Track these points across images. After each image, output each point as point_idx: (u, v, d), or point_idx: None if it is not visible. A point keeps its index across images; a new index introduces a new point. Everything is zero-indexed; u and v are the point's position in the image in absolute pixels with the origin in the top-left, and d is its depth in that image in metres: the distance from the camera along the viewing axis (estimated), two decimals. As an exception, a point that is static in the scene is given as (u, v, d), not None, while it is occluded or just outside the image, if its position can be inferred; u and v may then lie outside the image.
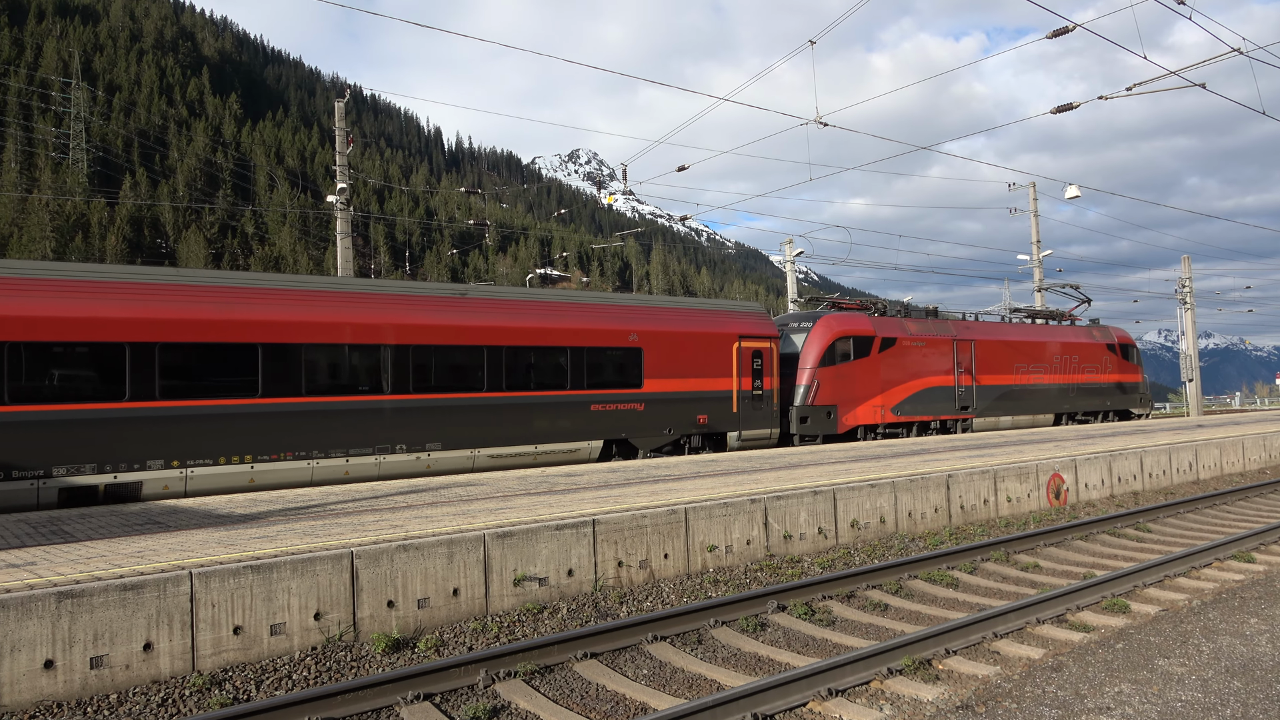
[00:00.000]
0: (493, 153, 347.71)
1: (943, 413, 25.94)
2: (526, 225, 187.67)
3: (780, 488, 11.32)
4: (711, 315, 21.24)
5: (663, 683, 6.63)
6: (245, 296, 14.99)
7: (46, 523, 10.39)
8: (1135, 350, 33.83)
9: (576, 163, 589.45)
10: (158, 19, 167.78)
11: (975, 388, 26.98)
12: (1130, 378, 33.25)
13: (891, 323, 25.34)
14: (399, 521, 9.14)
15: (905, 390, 24.89)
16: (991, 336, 28.20)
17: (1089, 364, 31.15)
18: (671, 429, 19.57)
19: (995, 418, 27.79)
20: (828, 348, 23.24)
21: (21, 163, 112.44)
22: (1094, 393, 31.47)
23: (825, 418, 22.84)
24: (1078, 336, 31.59)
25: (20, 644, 5.64)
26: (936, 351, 25.96)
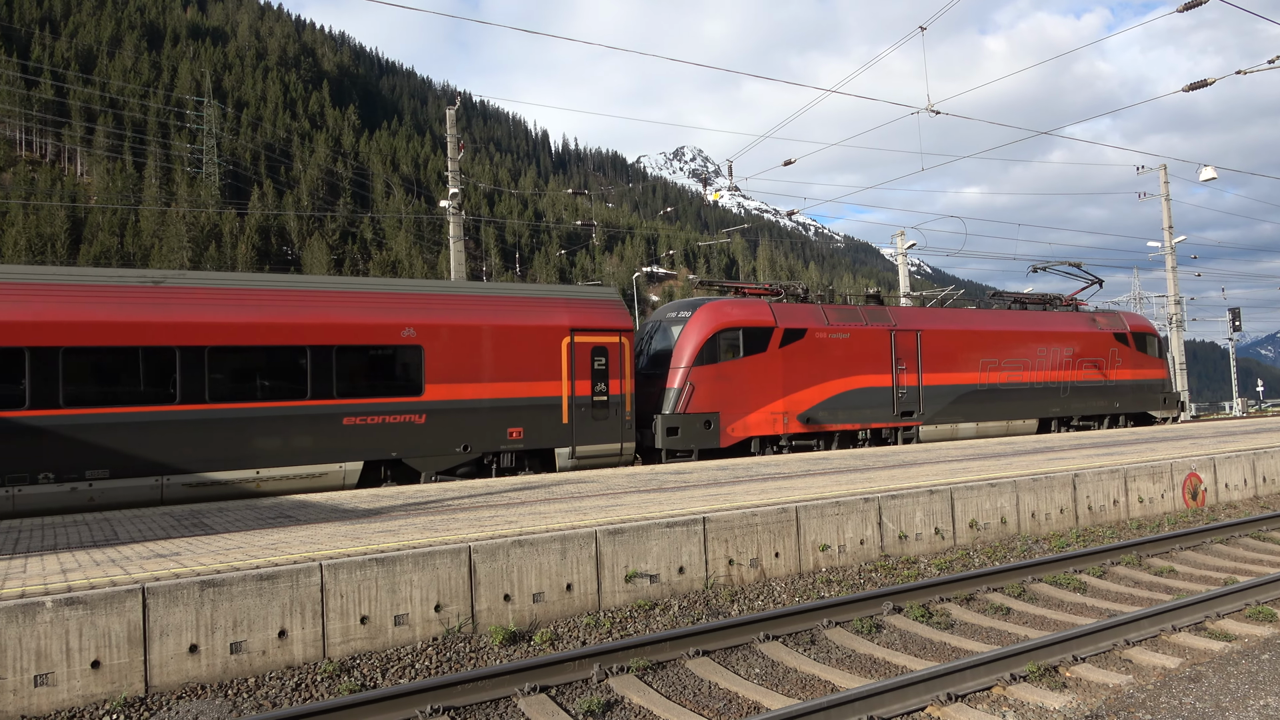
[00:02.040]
0: (598, 153, 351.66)
1: (875, 419, 21.27)
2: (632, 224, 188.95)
3: (894, 486, 11.07)
4: (529, 304, 17.16)
5: (775, 682, 6.58)
6: None
7: (188, 515, 11.07)
8: (1155, 341, 27.98)
9: (681, 160, 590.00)
10: (281, 37, 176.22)
11: (922, 388, 22.15)
12: (1148, 373, 27.41)
13: (801, 310, 20.95)
14: (513, 517, 9.35)
15: (820, 392, 20.39)
16: (945, 325, 23.20)
17: (1089, 358, 25.79)
18: (468, 445, 15.83)
19: (952, 424, 22.71)
20: (706, 342, 19.08)
21: (160, 178, 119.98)
22: (1097, 392, 25.90)
23: (702, 428, 18.62)
24: (1072, 325, 26.01)
25: (168, 629, 6.03)
26: (867, 345, 21.36)
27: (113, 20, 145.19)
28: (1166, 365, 28.13)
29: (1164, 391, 27.89)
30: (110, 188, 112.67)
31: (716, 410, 18.91)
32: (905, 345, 22.06)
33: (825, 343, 20.74)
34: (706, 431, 18.72)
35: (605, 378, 17.37)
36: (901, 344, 21.97)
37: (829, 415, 20.49)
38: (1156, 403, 27.55)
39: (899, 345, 21.90)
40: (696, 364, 18.85)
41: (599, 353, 17.36)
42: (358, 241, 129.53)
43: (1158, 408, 27.61)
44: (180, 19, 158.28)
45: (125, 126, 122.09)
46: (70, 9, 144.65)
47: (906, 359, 21.93)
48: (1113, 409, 26.33)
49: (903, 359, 21.85)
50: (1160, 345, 28.07)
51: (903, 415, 21.76)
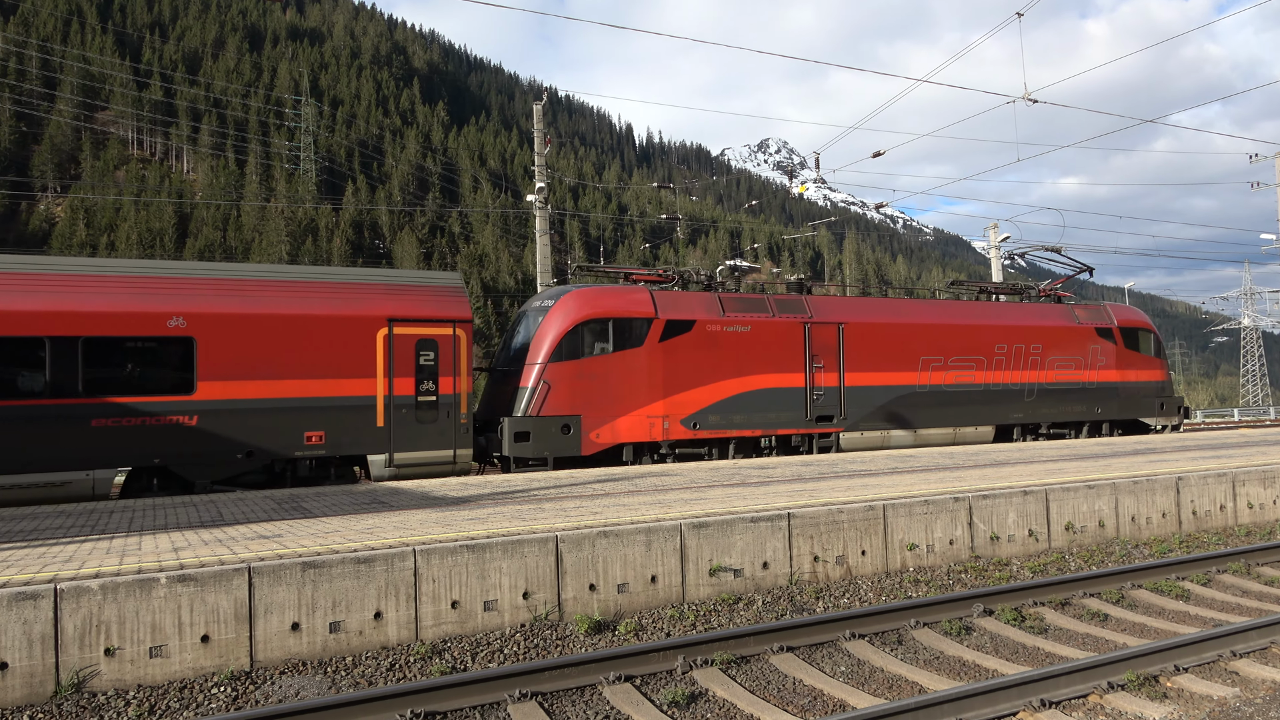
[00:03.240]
0: (682, 146, 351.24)
1: (783, 424, 18.64)
2: (716, 217, 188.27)
3: (986, 486, 10.81)
4: (336, 290, 15.12)
5: (861, 681, 6.52)
6: None
7: (288, 499, 11.53)
8: (1151, 338, 24.26)
9: (766, 152, 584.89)
10: (374, 36, 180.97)
11: (845, 390, 19.33)
12: (1140, 374, 23.72)
13: (690, 299, 18.40)
14: (598, 508, 9.46)
15: (711, 393, 17.88)
16: (875, 318, 20.32)
17: (1062, 356, 22.48)
18: (253, 451, 14.00)
19: (883, 431, 19.85)
20: (566, 335, 16.83)
21: (260, 174, 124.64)
22: (1072, 396, 22.50)
23: (559, 434, 16.38)
24: (1042, 318, 22.61)
25: (272, 607, 6.31)
26: (773, 339, 18.72)
27: (217, 23, 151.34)
28: (1165, 366, 24.47)
29: (1161, 396, 24.12)
30: (214, 184, 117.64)
31: (578, 413, 16.61)
32: (823, 340, 19.33)
33: (719, 336, 18.14)
34: (564, 437, 16.47)
35: (434, 375, 15.39)
36: (818, 338, 19.24)
37: (722, 420, 17.97)
38: (1151, 408, 23.84)
39: (815, 340, 19.16)
40: (554, 360, 16.66)
41: (426, 346, 15.38)
42: (446, 235, 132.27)
43: (1153, 414, 23.87)
44: (280, 21, 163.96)
45: (228, 125, 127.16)
46: (178, 13, 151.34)
47: (824, 356, 19.25)
48: (1093, 415, 22.85)
49: (820, 356, 19.17)
50: (1157, 343, 24.55)
51: (819, 420, 19.07)
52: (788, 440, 18.96)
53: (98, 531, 8.78)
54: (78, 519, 10.07)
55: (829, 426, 19.16)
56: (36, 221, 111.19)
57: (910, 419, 20.13)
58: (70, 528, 9.20)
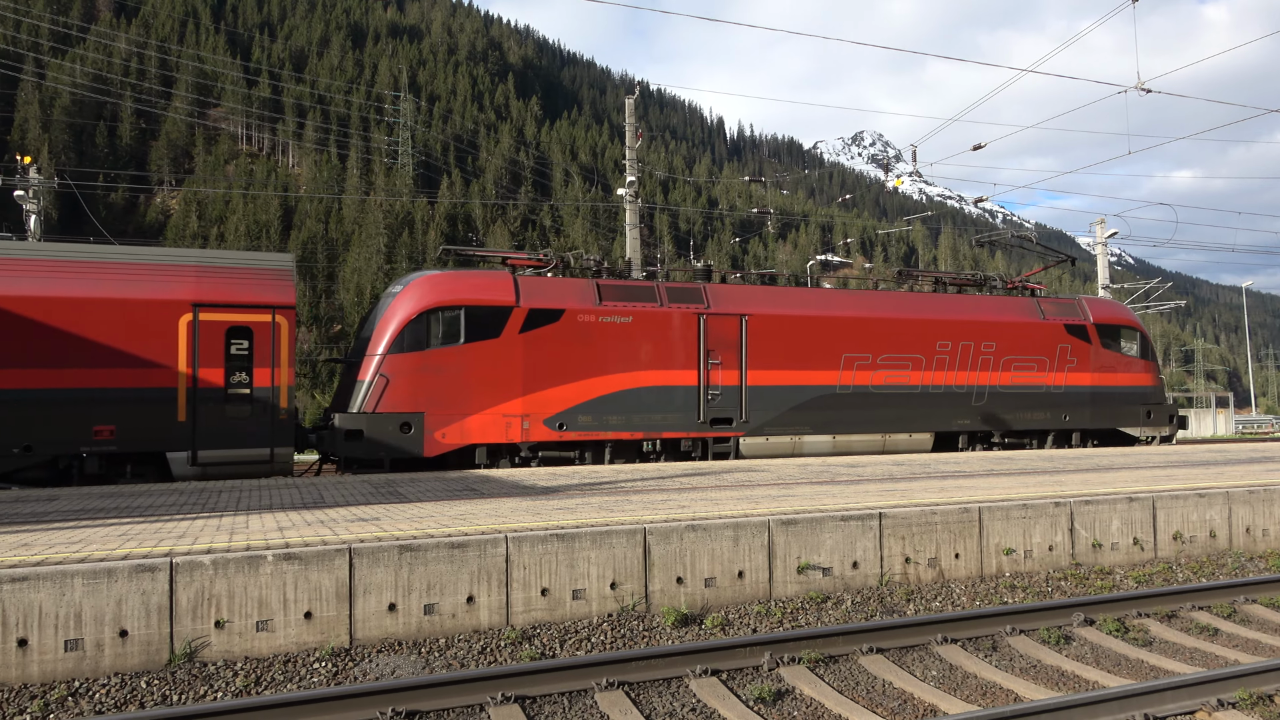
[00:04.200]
0: (774, 139, 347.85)
1: (671, 427, 16.76)
2: (807, 211, 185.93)
3: (1088, 491, 10.42)
4: (131, 272, 13.86)
5: (953, 686, 6.37)
6: None
7: (384, 485, 11.89)
8: (1137, 337, 21.40)
9: (860, 145, 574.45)
10: (471, 32, 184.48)
11: (746, 389, 17.36)
12: (1122, 378, 20.95)
13: (561, 287, 16.62)
14: (686, 502, 9.48)
15: (582, 390, 16.19)
16: (786, 310, 18.03)
17: (1023, 356, 19.96)
18: (31, 446, 12.96)
19: (794, 436, 17.75)
20: (409, 324, 15.37)
21: (361, 169, 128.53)
22: (1035, 401, 19.98)
23: (397, 433, 15.00)
24: (998, 312, 20.10)
25: (370, 588, 6.52)
26: (660, 332, 16.83)
27: (322, 22, 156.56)
28: (1155, 369, 21.65)
29: (1149, 403, 21.20)
30: (317, 178, 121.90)
31: (420, 410, 15.19)
32: (722, 333, 17.29)
33: (593, 328, 16.40)
34: (404, 437, 15.08)
35: (248, 365, 14.12)
36: (716, 331, 17.24)
37: (595, 421, 16.29)
38: (1135, 417, 20.97)
39: (712, 333, 17.18)
40: (394, 351, 15.28)
41: (238, 334, 14.12)
42: (537, 228, 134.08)
43: (1138, 424, 21.01)
44: (381, 19, 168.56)
45: (331, 121, 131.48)
46: (285, 13, 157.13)
47: (723, 351, 17.25)
48: (1059, 423, 20.17)
49: (717, 351, 17.19)
50: (1144, 342, 21.56)
51: (715, 423, 17.19)
52: (676, 445, 17.12)
53: (208, 510, 9.22)
54: (189, 497, 10.59)
55: (726, 430, 17.30)
56: (153, 214, 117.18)
57: (828, 423, 18.07)
58: (183, 505, 9.69)
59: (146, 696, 5.65)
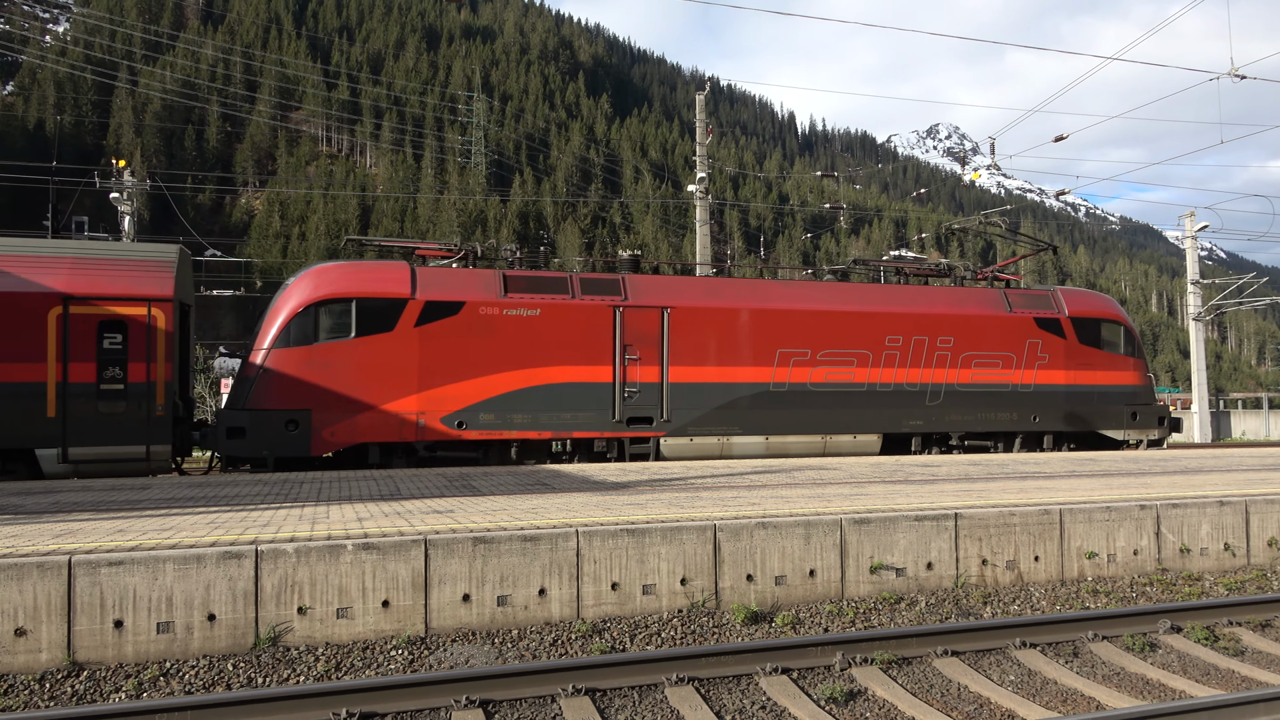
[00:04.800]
0: (846, 133, 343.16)
1: (583, 425, 15.84)
2: (881, 206, 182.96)
3: (1176, 494, 10.04)
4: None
5: (1032, 692, 6.22)
6: None
7: (458, 478, 12.10)
8: (1120, 332, 19.65)
9: (935, 138, 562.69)
10: (542, 32, 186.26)
11: (669, 387, 16.30)
12: (1102, 377, 19.21)
13: (461, 278, 15.79)
14: (756, 500, 9.43)
15: (484, 387, 15.35)
16: (713, 302, 16.92)
17: (986, 352, 18.36)
18: None
19: (722, 437, 16.62)
20: (296, 317, 14.75)
21: (435, 168, 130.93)
22: (999, 401, 18.38)
23: (283, 430, 14.40)
24: (956, 304, 18.58)
25: (445, 578, 6.65)
26: (573, 325, 15.92)
27: (398, 25, 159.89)
28: (1141, 367, 19.85)
29: (1133, 404, 19.37)
30: (393, 178, 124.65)
31: (307, 407, 14.56)
32: (641, 327, 16.24)
33: (497, 321, 15.53)
34: (290, 435, 14.47)
35: (123, 360, 13.64)
36: (634, 325, 16.20)
37: (498, 419, 15.46)
38: (1118, 418, 19.16)
39: (630, 326, 16.15)
40: (279, 345, 14.64)
41: (113, 328, 13.62)
42: (607, 225, 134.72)
43: (1121, 426, 19.20)
44: (455, 20, 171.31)
45: (407, 122, 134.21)
46: (363, 16, 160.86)
47: (643, 345, 16.21)
48: (1027, 425, 18.56)
49: (636, 345, 16.17)
50: (1129, 338, 19.72)
51: (633, 422, 16.17)
52: (590, 446, 16.19)
53: (290, 500, 9.52)
54: (272, 488, 10.95)
55: (646, 430, 16.25)
56: (238, 214, 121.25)
57: (761, 424, 16.86)
58: (266, 496, 10.02)
59: (233, 678, 5.86)
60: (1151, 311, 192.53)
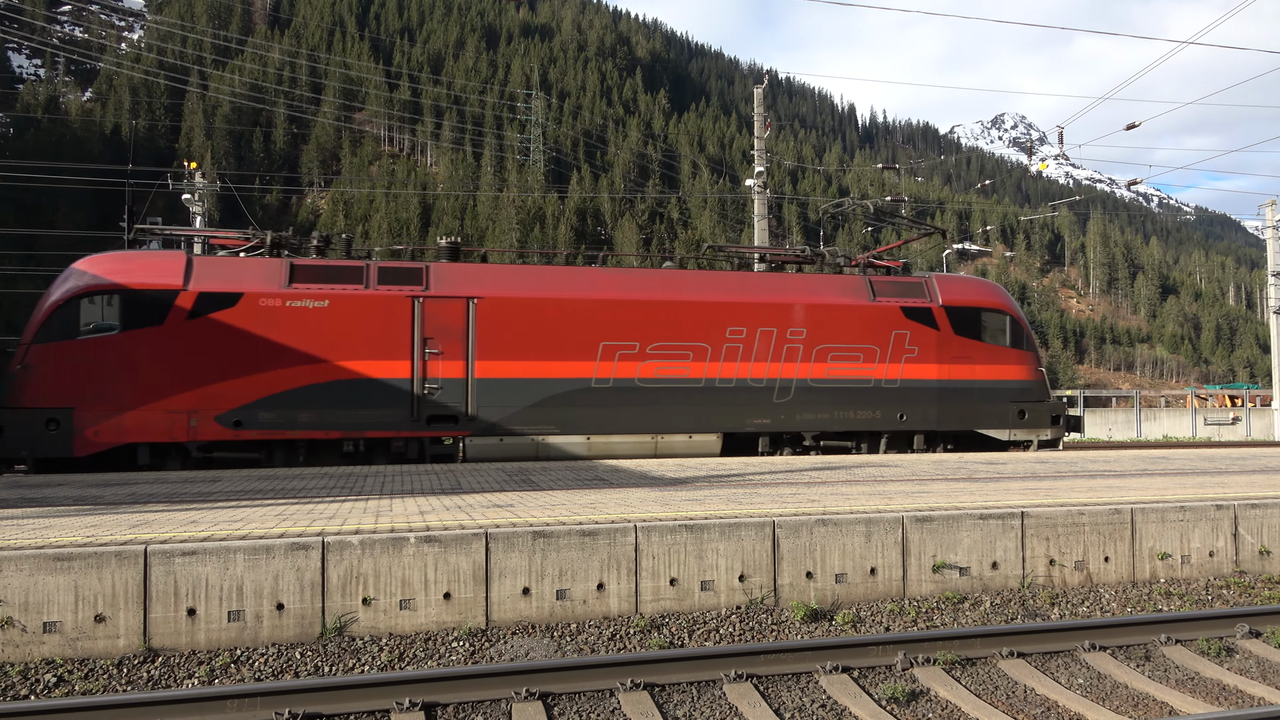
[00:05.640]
0: (908, 125, 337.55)
1: (378, 425, 14.77)
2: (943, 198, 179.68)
3: (1255, 494, 9.68)
4: None
5: (1101, 696, 6.05)
6: None
7: (517, 472, 12.22)
8: (1005, 322, 17.88)
9: (1000, 129, 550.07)
10: (600, 29, 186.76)
11: (474, 382, 15.15)
12: (983, 371, 17.49)
13: (241, 268, 14.76)
14: (815, 496, 9.34)
15: (265, 384, 14.35)
16: (524, 291, 15.71)
17: (845, 345, 16.81)
18: None
19: (535, 438, 15.43)
20: (57, 311, 13.90)
21: (494, 166, 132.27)
22: (860, 398, 16.81)
23: (43, 430, 13.57)
24: (810, 292, 17.02)
25: (505, 571, 6.73)
26: (366, 317, 14.84)
27: (458, 25, 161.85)
28: (1032, 361, 18.09)
29: (1021, 401, 17.66)
30: (453, 176, 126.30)
31: (70, 405, 13.69)
32: (444, 318, 15.16)
33: (280, 313, 14.51)
34: (51, 434, 13.60)
35: None
36: (436, 316, 15.11)
37: (281, 417, 14.41)
38: (1002, 417, 17.48)
39: (431, 318, 15.06)
40: (40, 340, 13.82)
41: None
42: (665, 221, 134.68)
43: (1006, 425, 17.53)
44: (513, 19, 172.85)
45: (466, 120, 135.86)
46: (424, 17, 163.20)
47: (446, 339, 15.11)
48: (894, 424, 16.98)
49: (438, 339, 15.08)
50: (1016, 328, 17.93)
51: (434, 421, 15.11)
52: (387, 446, 15.11)
53: (355, 493, 9.72)
54: (338, 481, 11.19)
55: (449, 429, 15.19)
56: (304, 214, 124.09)
57: (582, 422, 15.64)
58: (333, 489, 10.24)
59: (300, 667, 6.01)
60: (1229, 305, 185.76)
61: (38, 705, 5.02)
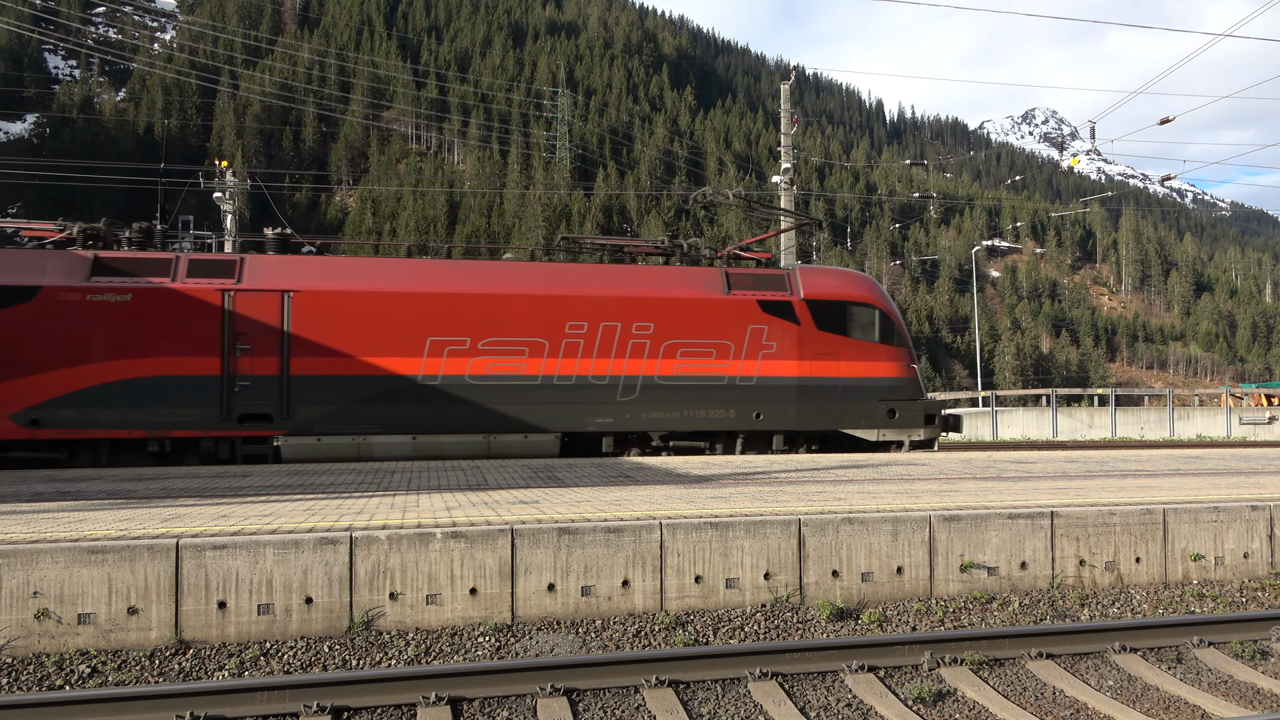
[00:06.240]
0: (936, 120, 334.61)
1: (185, 424, 14.12)
2: (972, 195, 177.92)
3: (1291, 494, 9.51)
4: None
5: (1132, 699, 5.98)
6: None
7: (543, 469, 12.27)
8: (874, 316, 16.83)
9: (1031, 124, 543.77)
10: (626, 26, 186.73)
11: (289, 380, 14.57)
12: (849, 369, 16.47)
13: (35, 260, 14.24)
14: (841, 494, 9.30)
15: (63, 381, 13.77)
16: (345, 284, 15.04)
17: (696, 341, 15.92)
18: None
19: (356, 437, 14.74)
20: None
21: (521, 164, 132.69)
22: (712, 396, 15.93)
23: None
24: (658, 285, 16.17)
25: (531, 567, 6.75)
26: (171, 311, 14.19)
27: (484, 23, 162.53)
28: (904, 357, 17.03)
29: (891, 399, 16.64)
30: (480, 174, 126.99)
31: None
32: (257, 313, 14.50)
33: (79, 307, 13.88)
34: None
35: None
36: (249, 310, 14.43)
37: (80, 416, 13.79)
38: (870, 416, 16.49)
39: (242, 312, 14.39)
40: None
41: None
42: (691, 218, 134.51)
43: (875, 424, 16.53)
44: (539, 17, 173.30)
45: (493, 118, 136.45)
46: (451, 15, 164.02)
47: (258, 334, 14.44)
48: (750, 423, 16.07)
49: (251, 334, 14.40)
50: (886, 323, 16.90)
51: (246, 420, 14.40)
52: (196, 445, 14.45)
53: (382, 489, 9.80)
54: (366, 477, 11.29)
55: (262, 429, 14.47)
56: (333, 212, 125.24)
57: (407, 421, 14.95)
58: (360, 485, 10.34)
59: (329, 660, 6.07)
60: (1265, 302, 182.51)
61: (74, 695, 5.11)
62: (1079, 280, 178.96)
